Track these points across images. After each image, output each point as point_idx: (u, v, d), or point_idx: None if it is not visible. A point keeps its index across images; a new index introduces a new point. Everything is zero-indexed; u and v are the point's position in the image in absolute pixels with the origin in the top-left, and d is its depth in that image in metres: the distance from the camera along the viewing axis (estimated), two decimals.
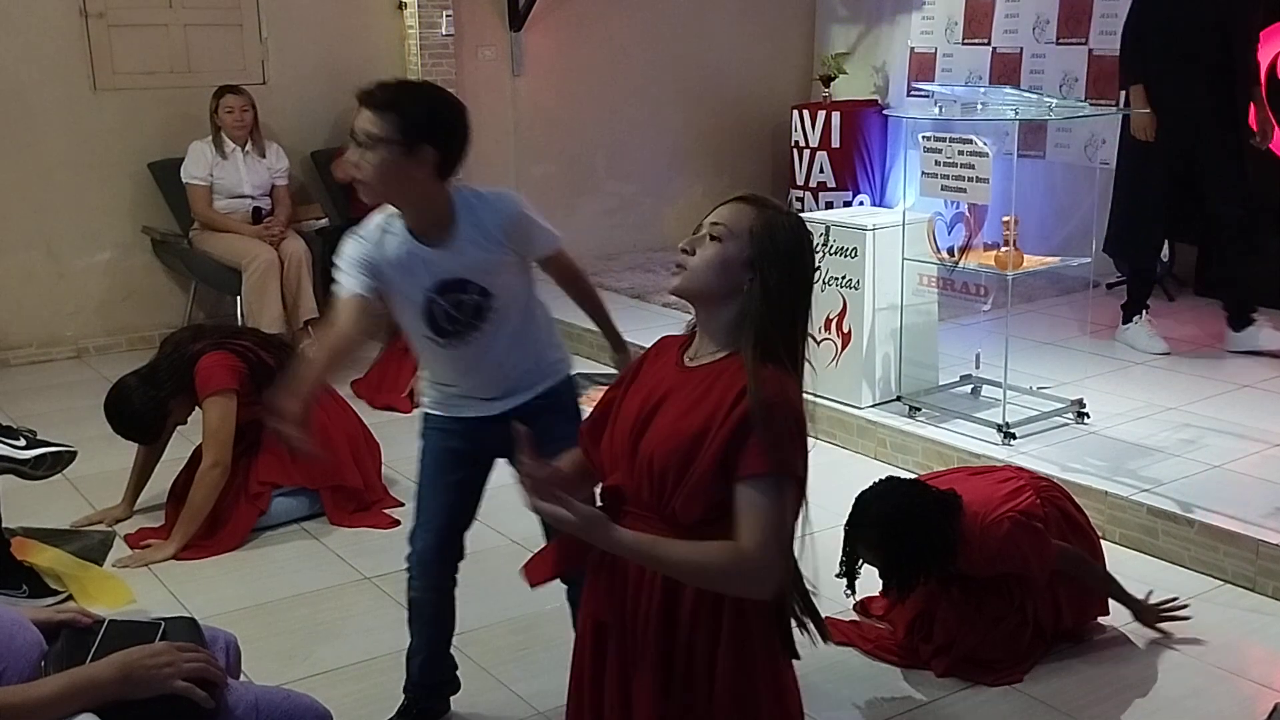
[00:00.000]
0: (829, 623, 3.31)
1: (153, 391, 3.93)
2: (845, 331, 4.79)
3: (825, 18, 8.57)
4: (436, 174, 2.53)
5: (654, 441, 1.96)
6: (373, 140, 2.47)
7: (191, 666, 1.96)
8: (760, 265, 1.95)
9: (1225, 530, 3.64)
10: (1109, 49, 6.93)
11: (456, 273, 2.60)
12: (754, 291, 1.95)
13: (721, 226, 1.98)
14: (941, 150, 4.41)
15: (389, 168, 2.48)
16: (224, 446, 3.90)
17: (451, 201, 2.60)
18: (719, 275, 1.97)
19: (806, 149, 7.93)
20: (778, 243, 1.97)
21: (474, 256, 2.60)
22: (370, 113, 2.49)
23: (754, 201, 2.02)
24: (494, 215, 2.63)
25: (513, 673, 3.17)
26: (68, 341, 6.30)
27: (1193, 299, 6.54)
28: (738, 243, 1.96)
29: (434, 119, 2.53)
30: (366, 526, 4.13)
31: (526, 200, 2.75)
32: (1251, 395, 4.94)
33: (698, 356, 2.02)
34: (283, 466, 4.05)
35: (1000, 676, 3.11)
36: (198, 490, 3.89)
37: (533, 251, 2.74)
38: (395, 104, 2.48)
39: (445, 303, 2.62)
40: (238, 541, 3.96)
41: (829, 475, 4.59)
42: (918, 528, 3.07)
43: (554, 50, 7.58)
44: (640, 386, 2.06)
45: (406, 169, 2.49)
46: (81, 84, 6.17)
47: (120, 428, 3.98)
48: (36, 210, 6.14)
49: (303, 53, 6.73)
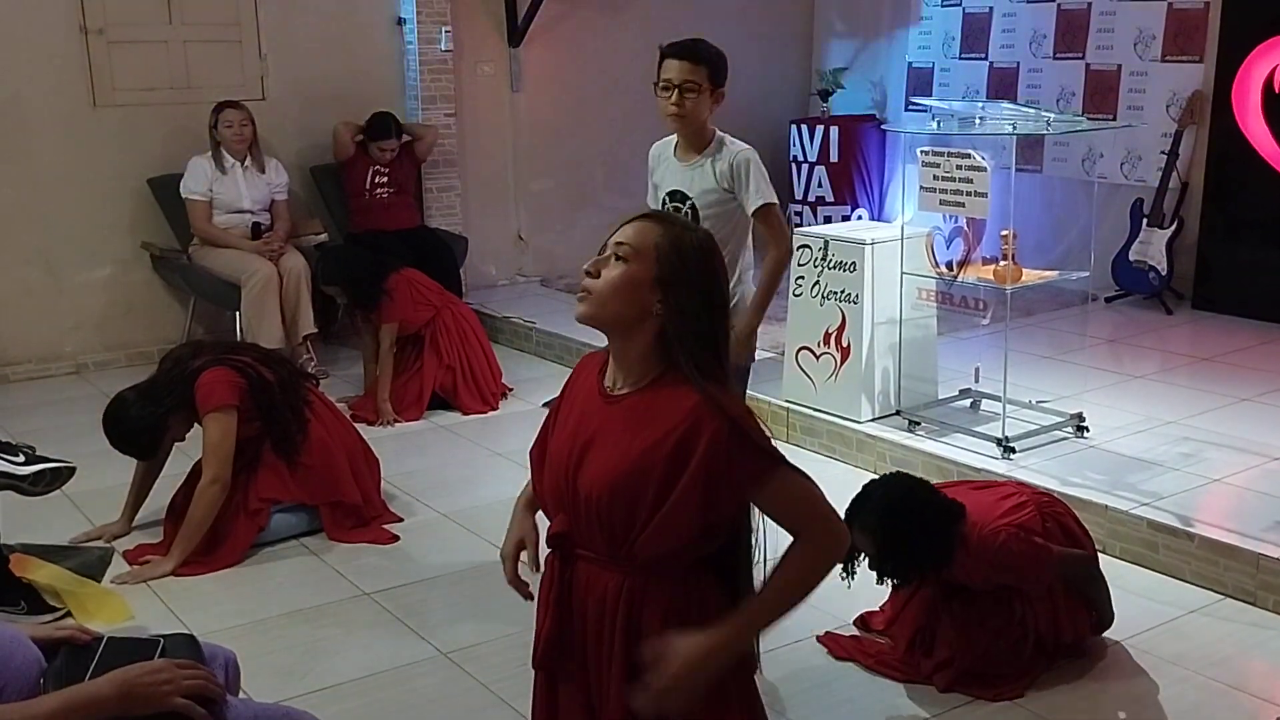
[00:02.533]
0: (830, 638, 3.33)
1: (152, 407, 3.92)
2: (844, 346, 4.79)
3: (823, 33, 8.61)
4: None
5: (595, 483, 1.89)
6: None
7: (191, 684, 1.95)
8: (669, 285, 1.89)
9: (1226, 544, 3.64)
10: (1106, 64, 6.97)
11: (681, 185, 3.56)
12: (671, 315, 1.89)
13: (626, 246, 1.91)
14: (940, 165, 4.42)
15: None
16: (224, 462, 3.89)
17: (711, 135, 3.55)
18: (626, 297, 1.89)
19: (805, 163, 7.96)
20: (686, 261, 1.90)
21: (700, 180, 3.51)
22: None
23: (660, 219, 1.96)
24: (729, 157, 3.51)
25: (513, 689, 3.16)
26: (67, 357, 6.30)
27: (1191, 313, 6.55)
28: (643, 262, 1.90)
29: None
30: (365, 542, 4.12)
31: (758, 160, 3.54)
32: (1251, 409, 4.94)
33: (619, 385, 1.95)
34: (282, 482, 4.05)
35: (1001, 691, 3.10)
36: (197, 506, 3.89)
37: (744, 199, 3.53)
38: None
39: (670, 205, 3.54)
40: (237, 558, 3.96)
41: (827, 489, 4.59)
42: (917, 520, 3.07)
43: (553, 65, 7.60)
44: (568, 415, 2.00)
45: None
46: (81, 100, 6.18)
47: (118, 442, 3.97)
48: (36, 226, 6.15)
49: (302, 69, 6.75)
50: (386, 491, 4.46)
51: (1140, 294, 6.67)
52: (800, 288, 4.96)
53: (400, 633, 3.50)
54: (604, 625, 1.94)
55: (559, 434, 2.00)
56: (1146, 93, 6.80)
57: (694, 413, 1.85)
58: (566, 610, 1.97)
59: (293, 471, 4.04)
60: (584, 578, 1.96)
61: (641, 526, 1.87)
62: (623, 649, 1.92)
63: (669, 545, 1.88)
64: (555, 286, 7.42)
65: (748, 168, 3.54)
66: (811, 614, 3.38)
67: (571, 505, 1.94)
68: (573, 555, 1.97)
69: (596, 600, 1.94)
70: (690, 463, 1.84)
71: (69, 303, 6.28)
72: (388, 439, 5.14)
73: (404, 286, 5.47)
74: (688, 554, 1.92)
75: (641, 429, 1.88)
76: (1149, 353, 5.81)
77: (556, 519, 1.99)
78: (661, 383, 1.91)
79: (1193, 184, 6.64)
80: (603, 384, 1.97)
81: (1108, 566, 3.81)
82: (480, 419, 5.43)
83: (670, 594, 1.93)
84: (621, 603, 1.92)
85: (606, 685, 1.95)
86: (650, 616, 1.91)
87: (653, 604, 1.92)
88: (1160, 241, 6.53)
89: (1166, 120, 6.66)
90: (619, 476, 1.87)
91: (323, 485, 4.10)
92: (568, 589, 1.98)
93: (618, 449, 1.89)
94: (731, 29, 8.18)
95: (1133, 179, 6.82)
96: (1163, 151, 6.59)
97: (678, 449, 1.85)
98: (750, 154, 3.57)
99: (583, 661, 1.98)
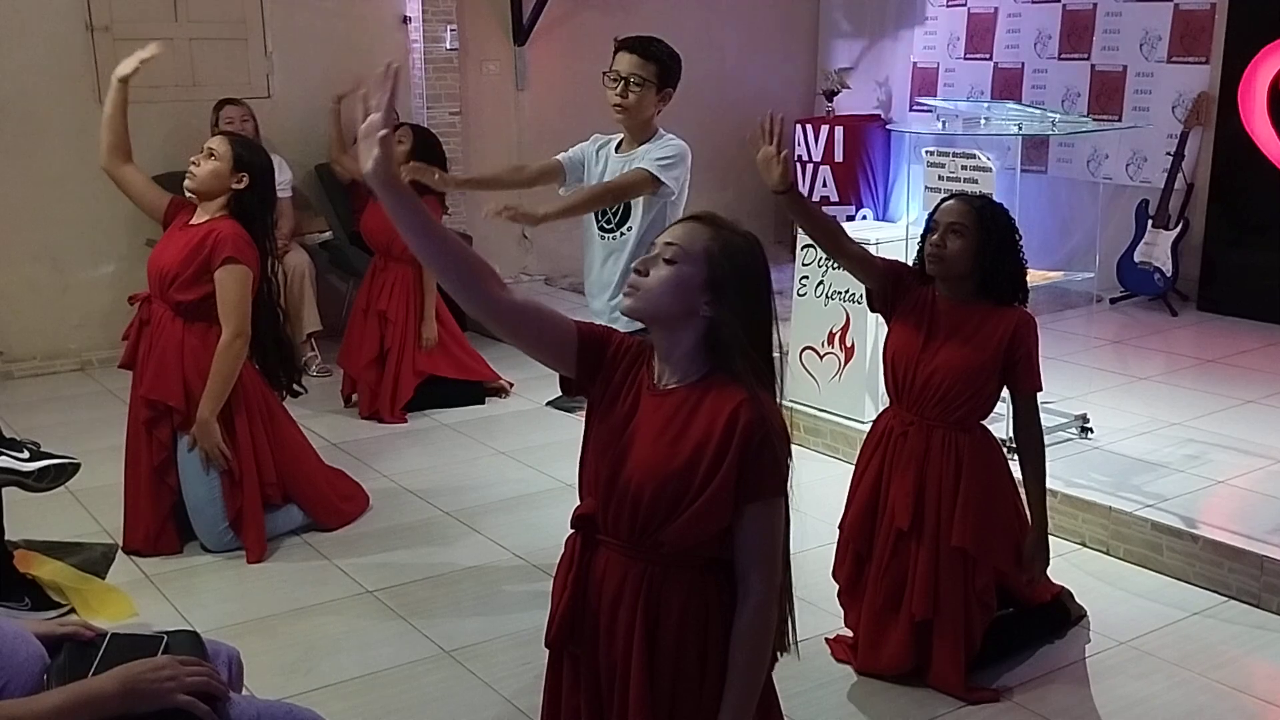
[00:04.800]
0: (838, 640, 3.33)
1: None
2: (848, 345, 4.79)
3: (828, 33, 8.60)
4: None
5: (640, 472, 1.93)
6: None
7: (194, 680, 1.96)
8: (721, 288, 1.92)
9: (1230, 546, 3.63)
10: (1111, 64, 6.96)
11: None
12: (724, 317, 1.92)
13: (676, 248, 1.94)
14: (945, 165, 4.42)
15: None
16: (245, 317, 3.85)
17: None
18: (674, 297, 1.93)
19: (810, 163, 7.95)
20: (736, 265, 1.94)
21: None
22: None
23: (709, 222, 1.98)
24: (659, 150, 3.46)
25: (516, 687, 3.16)
26: (71, 354, 6.31)
27: (1196, 314, 6.55)
28: (693, 264, 1.93)
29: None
30: (355, 515, 4.21)
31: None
32: (1255, 410, 4.93)
33: (665, 380, 1.99)
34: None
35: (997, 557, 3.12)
36: (224, 361, 3.82)
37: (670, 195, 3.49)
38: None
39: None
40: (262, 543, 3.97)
41: (831, 489, 4.58)
42: (1011, 228, 3.10)
43: (558, 64, 7.61)
44: (614, 391, 2.01)
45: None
46: (87, 97, 6.19)
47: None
48: (41, 223, 6.16)
49: (307, 67, 6.76)
50: (389, 489, 4.48)
51: (1145, 295, 6.66)
52: (804, 287, 4.96)
53: (403, 630, 3.50)
54: (620, 611, 1.99)
55: (606, 411, 2.01)
56: (1152, 94, 6.79)
57: (737, 413, 1.90)
58: (582, 592, 2.02)
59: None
60: (603, 563, 2.01)
61: (675, 518, 1.92)
62: (642, 638, 1.97)
63: (696, 538, 1.94)
64: (559, 286, 7.42)
65: (664, 147, 3.51)
66: (820, 617, 3.38)
67: (608, 490, 1.98)
68: (594, 539, 2.02)
69: (614, 586, 1.99)
70: (726, 460, 1.90)
71: (74, 299, 6.29)
72: (391, 438, 5.14)
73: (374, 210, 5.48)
74: (707, 551, 1.97)
75: (689, 425, 1.93)
76: (1154, 354, 5.81)
77: (586, 501, 2.04)
78: (710, 381, 1.95)
79: (1198, 185, 6.63)
80: (651, 377, 2.01)
81: (1112, 568, 3.82)
82: (484, 418, 5.44)
83: (688, 588, 1.98)
84: (642, 593, 1.97)
85: (624, 672, 1.99)
86: (668, 610, 1.97)
87: (671, 596, 1.97)
88: (1165, 243, 6.53)
89: (1172, 121, 6.66)
90: (665, 470, 1.92)
91: (296, 483, 4.12)
92: (585, 571, 2.02)
93: (663, 443, 1.94)
94: (737, 29, 8.20)
95: (1138, 180, 6.82)
96: (1168, 153, 6.58)
97: (720, 447, 1.90)
98: (678, 143, 3.53)
99: (594, 644, 2.03)
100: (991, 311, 3.10)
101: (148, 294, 3.97)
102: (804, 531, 4.13)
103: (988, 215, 3.08)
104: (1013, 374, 3.10)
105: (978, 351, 3.07)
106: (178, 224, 3.96)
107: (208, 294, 3.83)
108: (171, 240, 3.92)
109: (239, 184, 3.86)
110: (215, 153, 3.86)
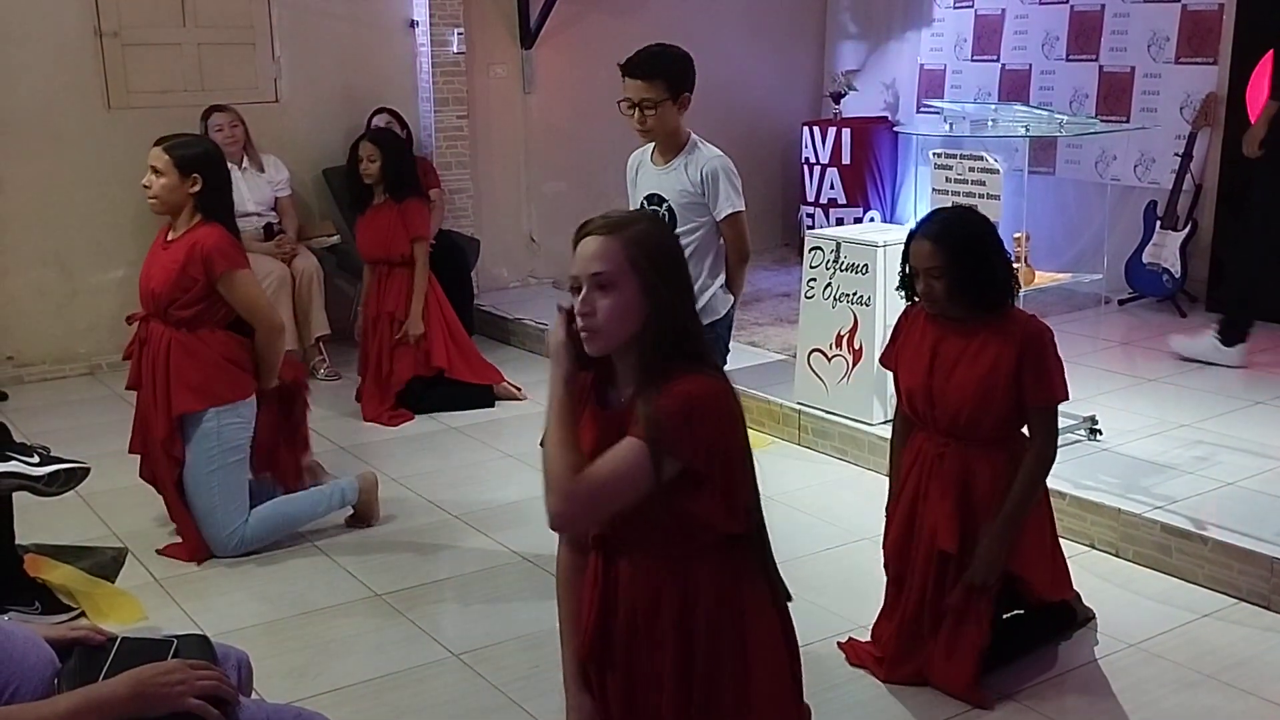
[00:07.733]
0: (850, 644, 3.32)
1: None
2: (856, 348, 4.79)
3: (835, 35, 8.60)
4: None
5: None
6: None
7: (203, 684, 1.96)
8: (654, 287, 2.00)
9: (1240, 548, 3.62)
10: (1119, 65, 6.95)
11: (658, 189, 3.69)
12: (665, 304, 2.01)
13: (603, 273, 2.00)
14: (952, 167, 4.42)
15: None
16: (269, 308, 4.01)
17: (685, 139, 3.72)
18: (625, 319, 2.01)
19: (817, 165, 7.95)
20: (652, 256, 2.01)
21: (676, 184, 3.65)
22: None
23: (607, 229, 2.03)
24: (700, 162, 3.63)
25: (524, 690, 3.16)
26: (81, 358, 6.32)
27: (1204, 315, 6.52)
28: (625, 279, 1.99)
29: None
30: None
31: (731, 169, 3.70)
32: (1265, 412, 4.92)
33: (624, 396, 2.07)
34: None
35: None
36: (270, 351, 3.96)
37: (714, 208, 3.65)
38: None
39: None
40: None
41: (840, 492, 4.59)
42: (989, 238, 3.09)
43: (565, 67, 7.61)
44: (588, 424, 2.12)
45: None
46: (95, 102, 6.21)
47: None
48: (50, 228, 6.18)
49: (315, 71, 6.77)
50: (398, 492, 4.49)
51: (1153, 297, 6.64)
52: (812, 290, 4.96)
53: (412, 634, 3.50)
54: (652, 612, 2.07)
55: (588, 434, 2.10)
56: (1160, 95, 6.78)
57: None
58: (611, 605, 2.10)
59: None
60: (627, 573, 2.09)
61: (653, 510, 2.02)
62: (673, 631, 2.05)
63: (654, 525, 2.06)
64: (567, 289, 7.42)
65: (717, 177, 3.67)
66: (832, 619, 3.38)
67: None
68: (614, 554, 2.10)
69: (646, 589, 2.07)
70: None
71: (83, 304, 6.31)
72: (400, 441, 5.15)
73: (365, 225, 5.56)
74: (719, 531, 2.05)
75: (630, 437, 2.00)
76: (1162, 355, 5.79)
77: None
78: (668, 376, 2.00)
79: (1206, 186, 6.61)
80: (603, 399, 2.11)
81: (1121, 570, 3.81)
82: (492, 421, 5.44)
83: (719, 569, 2.06)
84: (674, 586, 2.05)
85: (659, 667, 2.07)
86: (704, 595, 2.05)
87: (704, 581, 2.06)
88: (1174, 244, 6.51)
89: (1180, 122, 6.64)
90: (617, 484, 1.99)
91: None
92: (612, 586, 2.10)
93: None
94: (744, 31, 8.20)
95: (1146, 181, 6.80)
96: (1176, 154, 6.56)
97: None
98: (720, 162, 3.70)
99: (626, 650, 2.11)
100: (995, 325, 3.09)
101: (145, 313, 4.00)
102: (813, 534, 4.15)
103: (957, 242, 3.05)
104: (1020, 387, 3.08)
105: (989, 371, 3.06)
106: (158, 242, 3.98)
107: (206, 306, 3.87)
108: (155, 260, 3.95)
109: (194, 187, 3.86)
110: (158, 168, 3.85)
